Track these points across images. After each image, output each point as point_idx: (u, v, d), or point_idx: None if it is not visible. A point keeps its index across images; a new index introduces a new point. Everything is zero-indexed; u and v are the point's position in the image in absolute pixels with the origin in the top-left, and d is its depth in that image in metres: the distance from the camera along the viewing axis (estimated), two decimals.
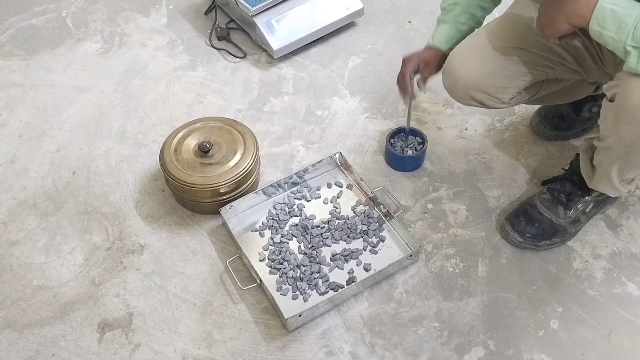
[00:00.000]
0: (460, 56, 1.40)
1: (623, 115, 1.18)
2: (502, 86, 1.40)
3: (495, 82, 1.39)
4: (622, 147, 1.24)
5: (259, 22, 1.95)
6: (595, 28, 1.11)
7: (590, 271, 1.48)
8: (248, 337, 1.40)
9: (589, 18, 1.10)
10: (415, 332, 1.39)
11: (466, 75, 1.39)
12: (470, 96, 1.42)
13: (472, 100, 1.43)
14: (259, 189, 1.60)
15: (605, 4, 1.09)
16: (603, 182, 1.39)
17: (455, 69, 1.41)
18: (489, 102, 1.43)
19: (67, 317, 1.45)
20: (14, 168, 1.75)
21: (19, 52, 2.08)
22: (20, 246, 1.58)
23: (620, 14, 1.08)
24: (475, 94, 1.41)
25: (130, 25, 2.15)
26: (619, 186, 1.37)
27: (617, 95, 1.19)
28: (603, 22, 1.10)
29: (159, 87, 1.94)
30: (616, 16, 1.08)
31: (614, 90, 1.20)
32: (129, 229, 1.60)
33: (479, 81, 1.39)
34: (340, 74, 1.96)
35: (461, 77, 1.40)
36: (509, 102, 1.44)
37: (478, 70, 1.38)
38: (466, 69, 1.39)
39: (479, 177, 1.67)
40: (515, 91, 1.41)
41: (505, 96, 1.42)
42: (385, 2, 2.18)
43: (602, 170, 1.36)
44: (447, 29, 1.47)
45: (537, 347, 1.37)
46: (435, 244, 1.54)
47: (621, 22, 1.08)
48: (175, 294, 1.47)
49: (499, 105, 1.44)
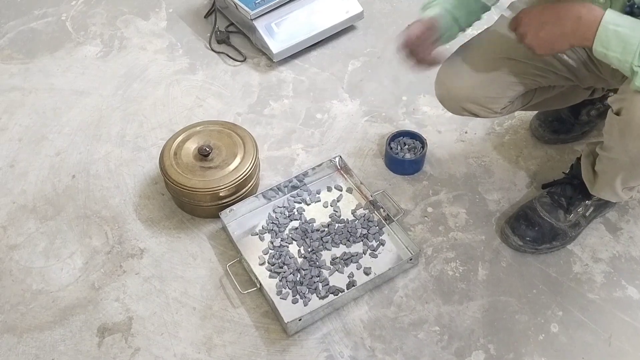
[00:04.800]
0: (451, 68, 1.40)
1: (630, 129, 1.18)
2: (493, 97, 1.39)
3: (486, 93, 1.39)
4: (628, 159, 1.24)
5: (258, 25, 1.95)
6: (600, 49, 1.08)
7: (590, 275, 1.48)
8: (248, 342, 1.40)
9: (592, 39, 1.08)
10: (415, 336, 1.39)
11: (457, 87, 1.39)
12: (461, 107, 1.42)
13: (464, 111, 1.43)
14: (259, 192, 1.60)
15: (609, 25, 1.06)
16: (605, 189, 1.39)
17: (446, 81, 1.41)
18: (481, 113, 1.43)
19: (67, 322, 1.44)
20: (14, 172, 1.74)
21: (18, 55, 2.08)
22: (20, 250, 1.57)
23: (624, 35, 1.06)
24: (466, 105, 1.41)
25: (129, 28, 2.15)
26: (621, 193, 1.38)
27: (623, 109, 1.18)
28: (607, 44, 1.07)
29: (158, 91, 1.94)
30: (620, 37, 1.06)
31: (620, 105, 1.19)
32: (128, 233, 1.60)
33: (470, 92, 1.39)
34: (340, 77, 1.96)
35: (452, 88, 1.40)
36: (501, 111, 1.44)
37: (468, 82, 1.38)
38: (456, 81, 1.39)
39: (479, 180, 1.67)
40: (507, 101, 1.41)
41: (497, 106, 1.41)
42: (385, 5, 2.18)
43: (605, 178, 1.36)
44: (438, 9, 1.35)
45: (537, 351, 1.36)
46: (435, 248, 1.53)
47: (626, 42, 1.06)
48: (175, 298, 1.47)
49: (491, 115, 1.44)
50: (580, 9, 1.08)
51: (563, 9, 1.10)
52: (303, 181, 1.64)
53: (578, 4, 1.09)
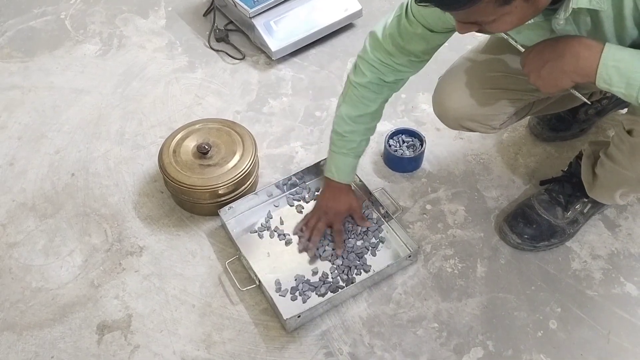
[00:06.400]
0: (448, 87, 1.39)
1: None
2: (492, 114, 1.39)
3: (485, 111, 1.37)
4: (635, 176, 1.25)
5: (257, 23, 1.95)
6: (603, 85, 1.03)
7: (588, 271, 1.48)
8: (247, 339, 1.40)
9: (594, 76, 1.03)
10: (414, 333, 1.40)
11: (455, 106, 1.38)
12: (460, 125, 1.42)
13: (462, 127, 1.43)
14: (258, 190, 1.60)
15: (608, 61, 1.01)
16: (604, 194, 1.41)
17: (444, 101, 1.40)
18: (480, 129, 1.42)
19: (66, 319, 1.45)
20: (13, 170, 1.75)
21: (17, 54, 2.08)
22: (19, 248, 1.58)
23: (626, 70, 1.00)
24: (465, 123, 1.41)
25: (129, 27, 2.15)
26: (618, 200, 1.39)
27: (635, 131, 1.19)
28: (609, 80, 1.02)
29: (157, 89, 1.95)
30: (622, 73, 1.00)
31: (633, 126, 1.19)
32: (127, 231, 1.60)
33: (469, 111, 1.37)
34: (339, 75, 1.96)
35: (450, 108, 1.39)
36: (500, 127, 1.43)
37: (466, 101, 1.36)
38: (454, 100, 1.37)
39: (478, 177, 1.67)
40: (505, 117, 1.41)
41: (495, 122, 1.41)
42: (384, 3, 2.18)
43: (606, 184, 1.37)
44: (349, 161, 1.47)
45: (536, 347, 1.37)
46: (434, 245, 1.54)
47: (628, 77, 1.00)
48: (174, 295, 1.48)
49: (490, 131, 1.44)
50: (577, 46, 1.03)
51: (561, 47, 1.05)
52: (302, 179, 1.64)
53: (576, 41, 1.04)
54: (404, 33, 1.26)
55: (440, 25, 1.21)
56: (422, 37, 1.24)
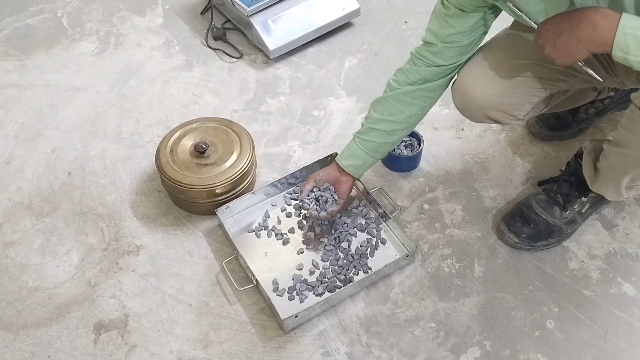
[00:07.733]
0: (473, 75, 1.36)
1: None
2: (518, 103, 1.37)
3: (511, 100, 1.36)
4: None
5: (255, 22, 1.95)
6: (619, 54, 1.04)
7: (586, 271, 1.48)
8: (244, 338, 1.40)
9: (611, 45, 1.03)
10: (411, 333, 1.40)
11: (480, 95, 1.35)
12: (485, 115, 1.39)
13: (487, 118, 1.40)
14: (255, 189, 1.60)
15: (626, 29, 1.01)
16: (609, 185, 1.39)
17: (469, 89, 1.36)
18: (505, 120, 1.40)
19: (63, 319, 1.44)
20: (10, 169, 1.74)
21: (14, 52, 2.07)
22: (16, 247, 1.57)
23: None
24: (490, 113, 1.38)
25: (126, 25, 2.15)
26: (623, 191, 1.38)
27: None
28: (626, 49, 1.02)
29: (154, 88, 1.94)
30: (639, 41, 1.01)
31: None
32: (124, 230, 1.59)
33: (495, 100, 1.35)
34: (337, 74, 1.95)
35: (475, 97, 1.36)
36: (523, 118, 1.41)
37: (492, 89, 1.34)
38: (480, 88, 1.35)
39: (475, 177, 1.67)
40: (530, 107, 1.39)
41: (520, 113, 1.39)
42: (382, 2, 2.18)
43: (611, 175, 1.36)
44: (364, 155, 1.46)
45: (533, 347, 1.37)
46: (431, 245, 1.54)
47: None
48: (171, 295, 1.47)
49: (514, 122, 1.42)
50: (595, 15, 1.04)
51: (577, 17, 1.06)
52: (300, 178, 1.64)
53: (593, 10, 1.05)
54: (440, 17, 1.29)
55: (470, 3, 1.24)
56: (457, 17, 1.27)
